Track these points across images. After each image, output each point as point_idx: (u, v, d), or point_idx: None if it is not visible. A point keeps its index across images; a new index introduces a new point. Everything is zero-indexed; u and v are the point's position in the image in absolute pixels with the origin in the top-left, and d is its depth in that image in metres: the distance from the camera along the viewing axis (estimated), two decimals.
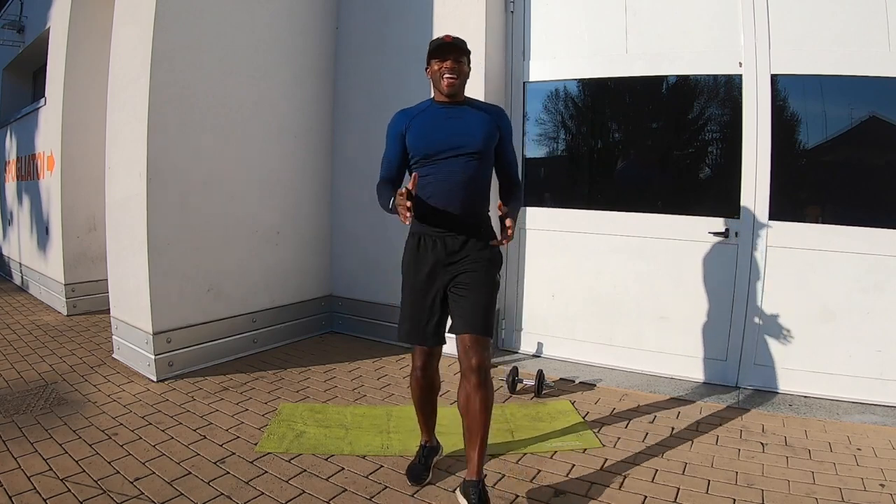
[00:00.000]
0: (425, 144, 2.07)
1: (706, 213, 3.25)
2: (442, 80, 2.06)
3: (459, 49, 2.05)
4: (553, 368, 3.47)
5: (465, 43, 2.09)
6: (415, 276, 2.11)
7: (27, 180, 5.52)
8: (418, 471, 2.25)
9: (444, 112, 2.11)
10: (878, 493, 2.16)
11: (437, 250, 2.08)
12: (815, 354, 3.04)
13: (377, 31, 4.08)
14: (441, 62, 2.05)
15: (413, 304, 2.12)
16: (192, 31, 3.31)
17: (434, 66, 2.08)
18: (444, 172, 2.05)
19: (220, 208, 3.55)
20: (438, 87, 2.09)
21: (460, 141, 2.06)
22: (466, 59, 2.09)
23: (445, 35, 2.09)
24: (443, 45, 2.04)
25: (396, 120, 2.18)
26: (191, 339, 3.42)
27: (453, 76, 2.05)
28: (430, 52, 2.07)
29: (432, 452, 2.33)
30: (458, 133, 2.07)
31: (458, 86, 2.08)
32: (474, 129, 2.08)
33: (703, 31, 3.24)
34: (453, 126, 2.08)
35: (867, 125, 2.98)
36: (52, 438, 2.49)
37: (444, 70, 2.05)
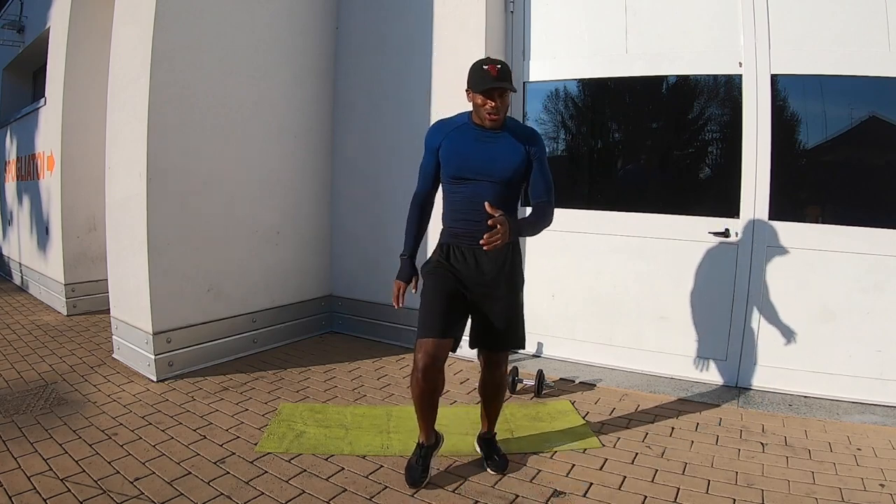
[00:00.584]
0: (455, 166, 2.11)
1: (706, 213, 3.25)
2: (486, 116, 2.05)
3: (506, 84, 2.01)
4: (553, 368, 3.47)
5: (510, 72, 2.05)
6: (443, 276, 2.15)
7: (27, 180, 5.52)
8: (416, 473, 2.21)
9: (477, 134, 2.12)
10: (878, 493, 2.16)
11: (468, 263, 2.15)
12: (815, 354, 3.04)
13: (377, 31, 4.08)
14: (486, 99, 2.02)
15: (444, 296, 2.12)
16: (192, 31, 3.31)
17: (477, 99, 2.04)
18: (473, 193, 2.10)
19: (220, 208, 3.55)
20: (481, 117, 2.08)
21: (490, 168, 2.09)
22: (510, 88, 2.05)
23: (490, 65, 2.00)
24: (490, 87, 1.99)
25: (433, 133, 2.20)
26: (191, 339, 3.42)
27: (497, 115, 2.05)
28: (477, 87, 2.01)
29: (430, 451, 2.29)
30: (487, 160, 2.09)
31: (501, 121, 2.09)
32: (504, 159, 2.10)
33: (703, 31, 3.24)
34: (486, 151, 2.09)
35: (867, 125, 2.98)
36: (52, 438, 2.49)
37: (489, 109, 2.03)
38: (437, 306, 2.11)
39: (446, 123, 2.20)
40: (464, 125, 2.15)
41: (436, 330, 2.08)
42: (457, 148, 2.11)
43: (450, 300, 2.12)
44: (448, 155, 2.13)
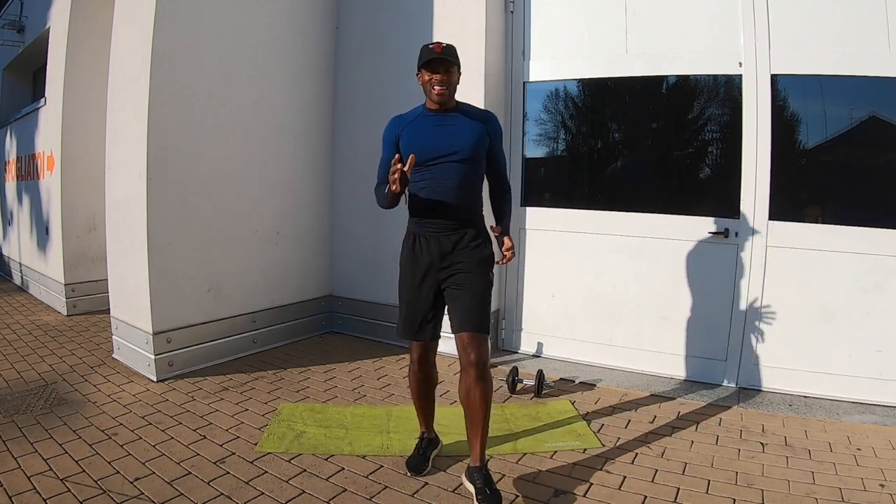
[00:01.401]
0: (419, 152, 2.11)
1: (706, 213, 3.25)
2: (432, 90, 2.12)
3: (449, 60, 2.09)
4: (553, 368, 3.47)
5: (455, 51, 2.13)
6: (411, 274, 2.20)
7: (27, 180, 5.52)
8: (416, 461, 2.30)
9: (434, 119, 2.17)
10: (878, 493, 2.16)
11: (432, 251, 2.17)
12: (815, 354, 3.04)
13: (377, 31, 4.08)
14: (431, 73, 2.10)
15: (409, 301, 2.21)
16: (192, 31, 3.31)
17: (424, 76, 2.12)
18: (438, 177, 2.13)
19: (220, 208, 3.55)
20: (429, 96, 2.15)
21: (451, 147, 2.12)
22: (457, 67, 2.13)
23: (436, 44, 2.11)
24: (434, 59, 2.08)
25: (391, 126, 2.26)
26: (191, 339, 3.42)
27: (443, 87, 2.11)
28: (421, 62, 2.11)
29: (431, 445, 2.38)
30: (448, 140, 2.13)
31: (448, 96, 2.14)
32: (464, 136, 2.14)
33: (703, 31, 3.24)
34: (444, 133, 2.14)
35: (867, 125, 2.98)
36: (52, 438, 2.48)
37: (434, 82, 2.10)
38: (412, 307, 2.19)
39: (403, 117, 2.25)
40: (419, 115, 2.21)
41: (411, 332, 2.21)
42: (418, 135, 2.16)
43: (421, 300, 2.18)
44: (409, 143, 2.15)
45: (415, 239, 2.21)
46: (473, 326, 2.09)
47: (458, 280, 2.14)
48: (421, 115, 2.21)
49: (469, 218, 2.19)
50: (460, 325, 2.11)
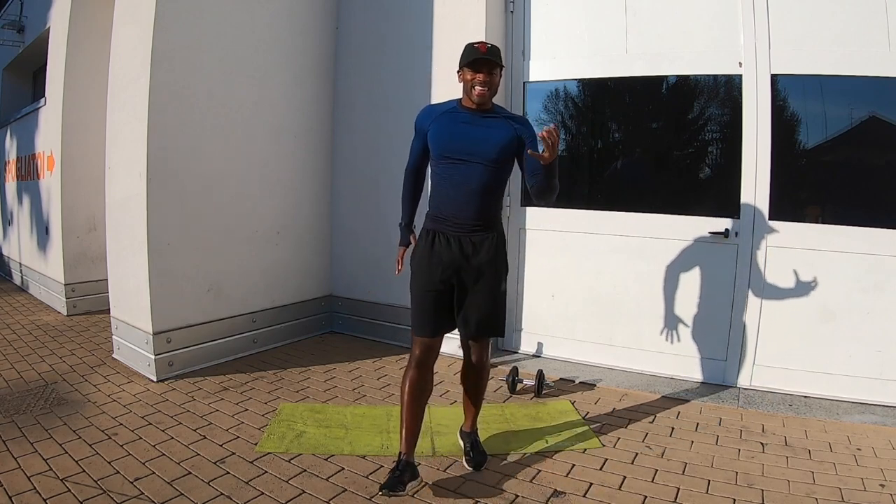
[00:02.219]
0: (442, 146, 2.13)
1: (706, 213, 3.25)
2: (473, 91, 2.09)
3: (494, 62, 2.07)
4: (553, 368, 3.47)
5: (500, 52, 2.12)
6: (430, 271, 2.17)
7: (27, 180, 5.52)
8: (392, 482, 2.02)
9: (467, 117, 2.14)
10: (878, 493, 2.16)
11: (452, 250, 2.14)
12: (815, 354, 3.04)
13: (377, 31, 4.08)
14: (474, 73, 2.08)
15: (427, 298, 2.17)
16: (192, 31, 3.31)
17: (467, 75, 2.10)
18: (460, 176, 2.11)
19: (220, 208, 3.55)
20: (469, 94, 2.12)
21: (477, 149, 2.10)
22: (500, 69, 2.12)
23: (481, 43, 2.09)
24: (479, 59, 2.06)
25: (422, 115, 2.24)
26: (191, 339, 3.42)
27: (484, 88, 2.08)
28: (466, 61, 2.09)
29: (408, 471, 2.08)
30: (475, 140, 2.10)
31: (488, 97, 2.12)
32: (493, 139, 2.11)
33: (703, 31, 3.24)
34: (473, 132, 2.11)
35: (867, 125, 2.97)
36: (52, 438, 2.48)
37: (476, 82, 2.08)
38: (426, 304, 2.17)
39: (436, 107, 2.25)
40: (453, 109, 2.18)
41: (426, 328, 2.18)
42: (445, 129, 2.14)
43: (436, 296, 2.16)
44: (436, 136, 2.15)
45: (435, 236, 2.18)
46: (487, 334, 2.23)
47: (477, 287, 2.15)
48: (453, 109, 2.18)
49: (489, 221, 2.17)
50: (476, 332, 2.20)
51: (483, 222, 2.15)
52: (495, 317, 2.21)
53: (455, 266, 2.14)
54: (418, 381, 2.16)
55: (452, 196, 2.13)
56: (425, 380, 2.19)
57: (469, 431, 2.42)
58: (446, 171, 2.13)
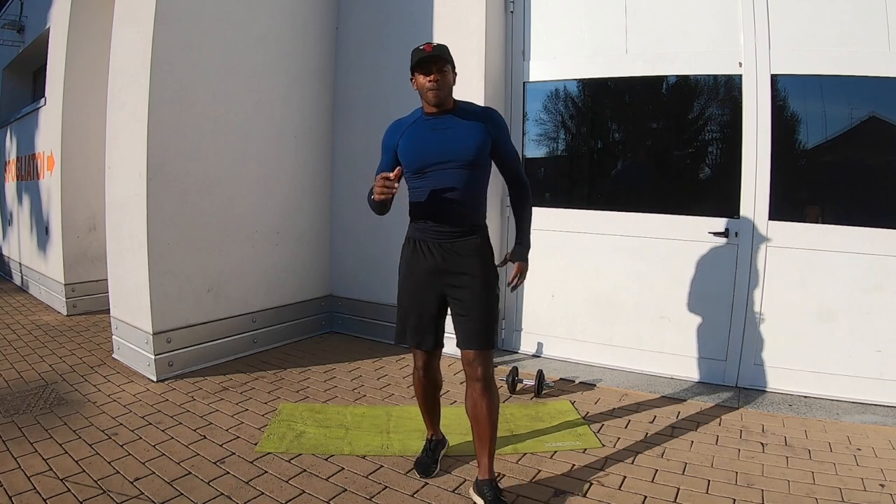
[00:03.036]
0: (415, 159, 2.06)
1: (706, 213, 3.25)
2: (427, 93, 2.04)
3: (441, 59, 2.01)
4: (553, 368, 3.47)
5: (447, 49, 2.05)
6: (412, 280, 2.13)
7: (27, 180, 5.52)
8: (426, 463, 2.30)
9: (432, 124, 2.08)
10: (878, 493, 2.16)
11: (435, 257, 2.08)
12: (815, 354, 3.04)
13: (377, 31, 4.08)
14: (424, 75, 2.03)
15: (410, 309, 2.14)
16: (192, 31, 3.31)
17: (419, 79, 2.05)
18: (437, 184, 2.04)
19: (220, 208, 3.55)
20: (425, 99, 2.07)
21: (448, 153, 2.03)
22: (450, 65, 2.05)
23: (426, 44, 2.04)
24: (423, 59, 2.01)
25: (389, 132, 2.18)
26: (191, 339, 3.42)
27: (437, 88, 2.02)
28: (413, 64, 2.04)
29: (439, 445, 2.39)
30: (445, 145, 2.04)
31: (444, 96, 2.05)
32: (465, 139, 2.05)
33: (703, 32, 3.24)
34: (442, 138, 2.05)
35: (867, 125, 2.97)
36: (52, 438, 2.49)
37: (429, 84, 2.02)
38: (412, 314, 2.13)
39: (402, 122, 2.18)
40: (418, 119, 2.12)
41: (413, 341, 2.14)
42: (414, 141, 2.07)
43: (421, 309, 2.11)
44: (406, 150, 2.08)
45: (415, 244, 2.12)
46: (481, 344, 2.04)
47: (464, 294, 2.06)
48: (419, 119, 2.12)
49: (472, 224, 2.11)
50: (467, 343, 2.05)
51: (465, 227, 2.08)
52: (484, 326, 2.05)
53: (439, 274, 2.08)
54: (426, 383, 2.25)
55: (431, 203, 2.06)
56: (432, 381, 2.25)
57: (487, 479, 2.03)
58: (423, 181, 2.07)
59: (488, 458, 2.04)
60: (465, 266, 2.07)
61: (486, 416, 2.02)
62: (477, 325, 2.05)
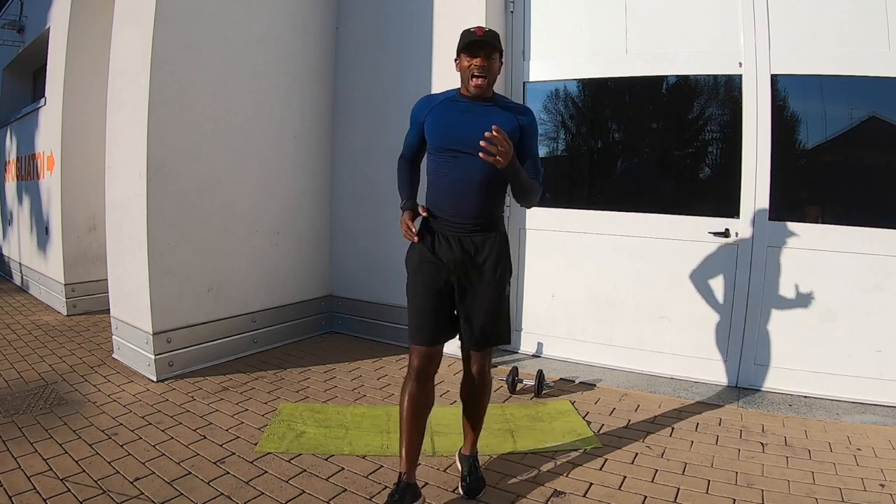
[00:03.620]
0: (440, 136, 1.99)
1: (706, 213, 3.25)
2: (471, 79, 1.95)
3: (491, 45, 1.93)
4: (553, 368, 3.47)
5: (498, 37, 1.97)
6: (427, 272, 2.02)
7: (27, 180, 5.52)
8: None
9: (466, 106, 2.00)
10: (878, 493, 2.16)
11: (454, 251, 2.00)
12: (815, 354, 3.04)
13: (377, 31, 4.08)
14: (471, 58, 1.93)
15: (427, 304, 2.02)
16: (192, 31, 3.31)
17: (464, 61, 1.95)
18: (460, 170, 1.96)
19: (220, 208, 3.55)
20: (466, 83, 1.98)
21: (477, 139, 1.83)
22: (499, 55, 1.98)
23: (477, 27, 1.95)
24: (474, 42, 1.91)
25: (419, 105, 2.11)
26: (191, 339, 3.42)
27: (482, 76, 1.94)
28: (461, 46, 1.95)
29: (409, 493, 1.97)
30: (476, 131, 1.84)
31: (487, 85, 1.97)
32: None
33: (703, 32, 3.24)
34: (474, 122, 1.92)
35: (867, 125, 2.98)
36: (52, 438, 2.49)
37: (474, 68, 1.93)
38: (426, 309, 2.02)
39: (434, 97, 2.11)
40: (451, 98, 2.04)
41: (426, 335, 2.01)
42: (443, 118, 2.00)
43: (436, 300, 2.01)
44: (433, 126, 2.01)
45: (434, 236, 2.03)
46: (488, 344, 2.08)
47: (479, 291, 2.01)
48: (451, 98, 2.03)
49: (490, 220, 2.03)
50: (475, 343, 2.05)
51: (484, 221, 2.01)
52: (499, 323, 2.05)
53: (456, 268, 2.00)
54: (419, 395, 2.00)
55: (451, 191, 1.98)
56: (426, 393, 2.02)
57: (468, 455, 2.22)
58: (444, 164, 1.99)
59: (473, 438, 2.23)
60: (483, 265, 2.01)
61: (480, 403, 2.18)
62: (488, 324, 2.03)
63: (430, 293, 2.02)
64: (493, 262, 2.02)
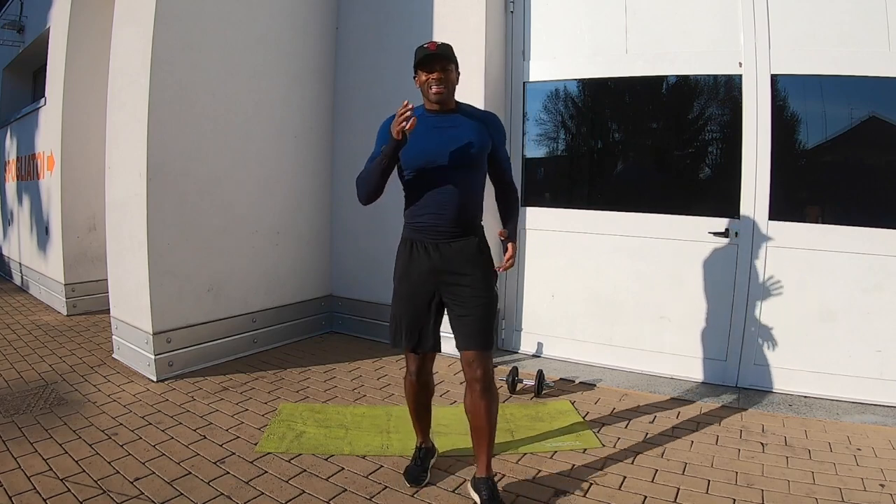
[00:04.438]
0: (414, 155, 2.03)
1: (706, 213, 3.25)
2: (430, 91, 2.03)
3: (445, 57, 2.01)
4: (553, 368, 3.47)
5: (451, 49, 2.05)
6: (408, 283, 2.09)
7: (27, 180, 5.52)
8: (416, 472, 2.25)
9: (434, 121, 2.06)
10: (878, 493, 2.16)
11: (432, 258, 2.06)
12: (815, 354, 3.04)
13: (377, 31, 4.08)
14: (428, 73, 2.02)
15: (406, 312, 2.10)
16: (192, 31, 3.31)
17: (421, 76, 2.05)
18: (435, 183, 2.03)
19: (220, 208, 3.55)
20: (427, 96, 2.06)
21: (451, 152, 2.02)
22: (454, 65, 2.06)
23: (430, 43, 2.04)
24: (427, 56, 2.00)
25: (385, 127, 2.09)
26: (191, 339, 3.42)
27: (440, 87, 2.01)
28: (416, 62, 2.04)
29: (429, 454, 2.33)
30: (446, 144, 2.02)
31: (447, 95, 2.04)
32: (464, 140, 2.03)
33: (703, 32, 3.24)
34: (444, 136, 2.03)
35: (867, 125, 2.97)
36: (52, 438, 2.49)
37: (432, 81, 2.01)
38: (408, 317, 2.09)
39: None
40: (419, 116, 2.02)
41: (409, 341, 2.10)
42: (413, 138, 2.00)
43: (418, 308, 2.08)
44: (407, 147, 2.01)
45: (412, 245, 2.09)
46: (480, 345, 2.03)
47: (463, 295, 2.04)
48: (420, 115, 2.04)
49: (469, 226, 2.09)
50: (466, 344, 2.04)
51: (462, 227, 2.06)
52: (485, 326, 2.05)
53: (436, 275, 2.05)
54: (418, 389, 2.21)
55: (428, 202, 2.04)
56: (424, 386, 2.21)
57: (484, 478, 2.04)
58: (419, 180, 2.05)
59: (486, 456, 2.05)
60: (465, 266, 2.05)
61: (485, 416, 2.02)
62: (478, 325, 2.03)
63: (412, 303, 2.09)
64: (474, 266, 2.06)
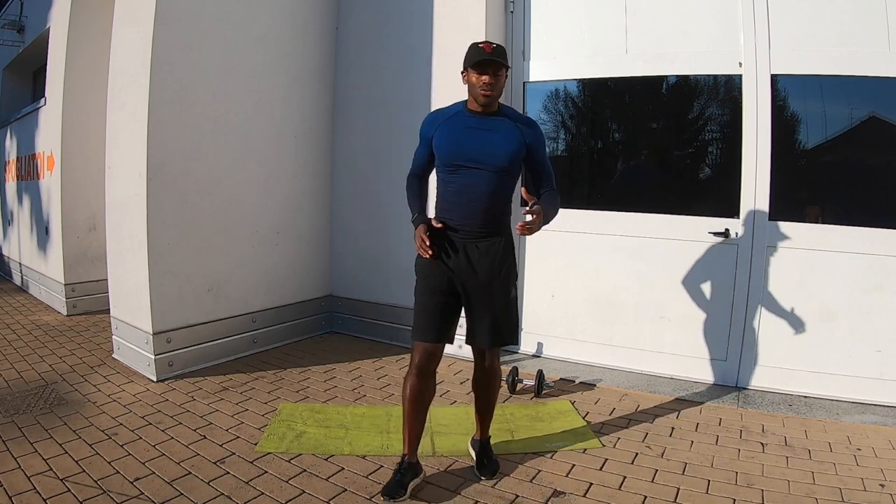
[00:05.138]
0: (449, 153, 2.08)
1: (706, 213, 3.25)
2: (479, 94, 2.04)
3: (499, 63, 2.01)
4: (553, 368, 3.47)
5: (505, 52, 2.06)
6: (432, 276, 2.12)
7: (27, 180, 5.52)
8: (393, 487, 2.08)
9: (473, 121, 2.09)
10: (878, 493, 2.16)
11: (459, 257, 2.10)
12: (815, 354, 3.04)
13: (377, 31, 4.08)
14: (480, 75, 2.02)
15: (432, 304, 2.11)
16: (192, 31, 3.31)
17: (472, 77, 2.04)
18: (467, 182, 2.07)
19: (220, 208, 3.55)
20: (474, 96, 2.07)
21: (485, 155, 2.05)
22: (505, 70, 2.06)
23: (484, 43, 2.04)
24: (484, 60, 2.00)
25: (427, 122, 2.19)
26: (191, 339, 3.42)
27: (489, 91, 2.02)
28: (470, 62, 2.03)
29: (411, 472, 2.13)
30: (483, 146, 2.05)
31: (494, 98, 2.06)
32: (501, 144, 2.06)
33: (703, 32, 3.24)
34: (480, 138, 2.06)
35: (867, 125, 2.98)
36: (52, 438, 2.48)
37: (482, 84, 2.02)
38: (430, 309, 2.11)
39: (441, 113, 2.18)
40: (458, 113, 2.12)
41: (429, 333, 2.10)
42: (451, 135, 2.08)
43: (442, 302, 2.11)
44: (441, 143, 2.10)
45: (441, 244, 2.11)
46: (498, 343, 2.18)
47: (485, 294, 2.11)
48: (459, 113, 2.12)
49: (496, 227, 2.13)
50: (484, 342, 2.15)
51: (490, 228, 2.11)
52: (506, 325, 2.15)
53: (461, 273, 2.10)
54: (419, 388, 2.12)
55: (459, 202, 2.09)
56: (427, 386, 2.14)
57: (481, 439, 2.35)
58: (453, 177, 2.09)
59: (484, 422, 2.33)
60: (491, 266, 2.11)
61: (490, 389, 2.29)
62: (498, 324, 2.13)
63: (435, 294, 2.12)
64: (498, 266, 2.13)
